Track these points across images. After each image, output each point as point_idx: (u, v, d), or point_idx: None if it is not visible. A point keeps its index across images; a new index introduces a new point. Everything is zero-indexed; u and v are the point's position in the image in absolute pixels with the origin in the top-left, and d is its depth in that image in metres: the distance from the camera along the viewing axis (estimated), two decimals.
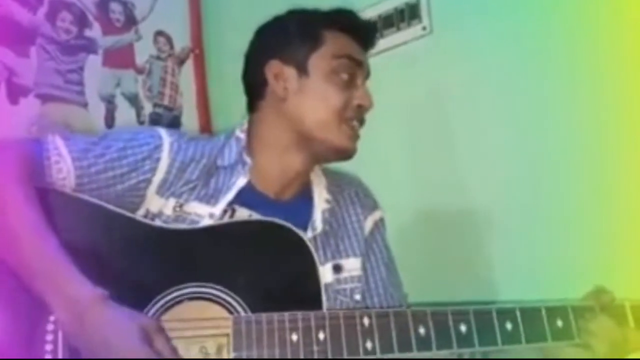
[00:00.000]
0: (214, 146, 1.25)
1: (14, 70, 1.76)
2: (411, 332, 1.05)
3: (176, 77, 2.18)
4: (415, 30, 1.75)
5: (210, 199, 1.20)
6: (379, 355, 1.05)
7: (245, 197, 1.21)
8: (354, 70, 1.24)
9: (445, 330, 1.06)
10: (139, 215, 1.18)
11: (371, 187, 1.71)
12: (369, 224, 1.34)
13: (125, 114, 2.01)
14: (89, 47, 1.95)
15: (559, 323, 1.09)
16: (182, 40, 2.22)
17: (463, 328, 1.06)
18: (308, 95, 1.22)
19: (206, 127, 2.19)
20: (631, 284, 1.19)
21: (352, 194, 1.35)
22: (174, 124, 2.15)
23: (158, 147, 1.19)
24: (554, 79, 1.50)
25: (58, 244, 1.01)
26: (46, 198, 1.08)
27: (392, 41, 1.79)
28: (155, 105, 2.10)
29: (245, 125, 1.30)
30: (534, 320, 1.08)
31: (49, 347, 1.01)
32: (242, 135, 1.27)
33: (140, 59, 2.09)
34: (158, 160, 1.18)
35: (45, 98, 1.82)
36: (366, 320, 1.05)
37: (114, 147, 1.17)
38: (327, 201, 1.29)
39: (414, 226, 1.71)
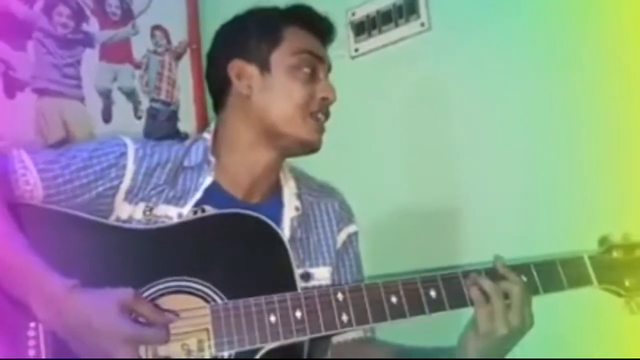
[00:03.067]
0: (180, 148, 1.28)
1: (10, 64, 1.76)
2: (384, 302, 1.09)
3: (173, 72, 2.18)
4: (413, 26, 1.76)
5: (179, 200, 1.22)
6: (355, 327, 1.09)
7: (213, 198, 1.23)
8: (315, 65, 1.27)
9: (416, 297, 1.10)
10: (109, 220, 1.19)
11: (367, 182, 1.72)
12: (342, 236, 1.36)
13: (122, 108, 2.01)
14: (86, 41, 1.95)
15: (523, 278, 1.12)
16: (179, 35, 2.22)
17: (433, 293, 1.11)
18: (272, 91, 1.24)
19: (203, 121, 2.19)
20: None
21: (329, 206, 1.37)
22: (171, 118, 2.15)
23: (123, 155, 1.21)
24: (553, 75, 1.50)
25: (27, 244, 1.03)
26: (17, 211, 1.09)
27: (390, 37, 1.80)
28: (152, 99, 2.11)
29: (212, 127, 1.32)
30: (498, 279, 1.11)
31: (31, 352, 1.02)
32: (208, 136, 1.30)
33: (138, 53, 2.09)
34: (124, 167, 1.20)
35: (42, 92, 1.82)
36: (340, 296, 1.09)
37: (79, 157, 1.18)
38: (296, 208, 1.31)
39: (411, 222, 1.72)
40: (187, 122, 2.19)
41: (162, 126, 2.11)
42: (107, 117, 1.97)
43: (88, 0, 1.97)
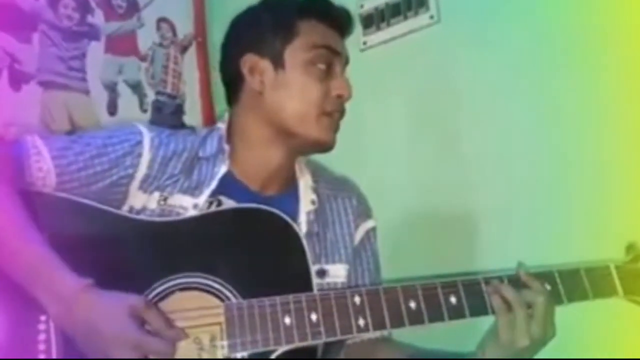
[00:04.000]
0: (195, 139, 1.28)
1: (15, 57, 1.75)
2: (402, 307, 1.08)
3: (179, 65, 2.18)
4: (422, 19, 1.74)
5: (194, 190, 1.21)
6: (371, 332, 1.08)
7: (229, 188, 1.23)
8: (332, 60, 1.25)
9: (435, 303, 1.08)
10: (123, 212, 1.19)
11: (376, 176, 1.71)
12: (360, 232, 1.36)
13: (127, 101, 2.01)
14: (92, 33, 1.95)
15: (547, 287, 1.11)
16: (185, 28, 2.21)
17: (453, 299, 1.09)
18: (285, 88, 1.23)
19: (209, 114, 2.19)
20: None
21: (346, 201, 1.36)
22: (176, 111, 2.15)
23: (139, 143, 1.20)
24: (564, 69, 1.48)
25: (42, 240, 1.03)
26: (29, 199, 1.10)
27: (399, 30, 1.78)
28: (158, 93, 2.10)
29: (226, 117, 1.31)
30: (521, 287, 1.09)
31: (42, 346, 1.02)
32: (222, 125, 1.29)
33: (143, 46, 2.08)
34: (139, 155, 1.19)
35: (47, 85, 1.81)
36: (357, 299, 1.08)
37: (93, 144, 1.18)
38: (312, 202, 1.30)
39: (421, 221, 1.71)
40: (193, 115, 2.18)
41: (167, 119, 2.10)
42: (112, 110, 1.96)
43: None
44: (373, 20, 1.83)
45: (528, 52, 1.55)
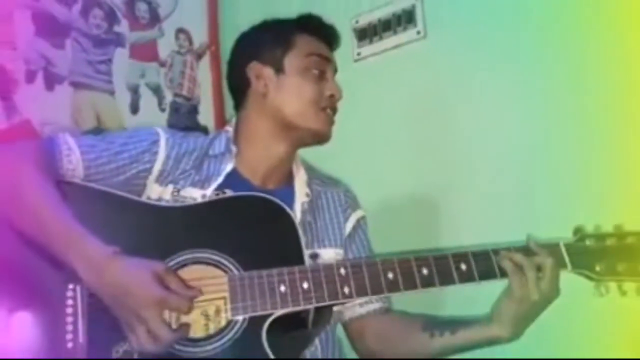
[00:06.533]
0: (205, 140, 1.39)
1: (50, 60, 1.85)
2: (381, 277, 1.19)
3: (194, 71, 2.26)
4: (410, 34, 1.83)
5: (203, 183, 1.31)
6: (355, 298, 1.20)
7: (233, 183, 1.33)
8: (324, 66, 1.39)
9: (410, 274, 1.20)
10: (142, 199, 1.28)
11: (366, 182, 1.73)
12: (351, 220, 1.46)
13: (148, 102, 2.10)
14: (118, 41, 2.04)
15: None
16: (200, 37, 2.31)
17: (425, 271, 1.20)
18: (285, 89, 1.36)
19: (220, 115, 2.28)
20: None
21: (334, 195, 1.47)
22: (191, 112, 2.24)
23: (156, 142, 1.31)
24: (547, 81, 1.54)
25: (72, 214, 1.11)
26: (60, 188, 1.18)
27: (390, 43, 1.88)
28: (175, 95, 2.19)
29: (233, 122, 1.43)
30: (483, 261, 1.21)
31: (69, 310, 1.11)
32: (230, 129, 1.42)
33: (163, 53, 2.18)
34: (156, 153, 1.30)
35: (77, 86, 1.90)
36: (342, 270, 1.19)
37: (116, 142, 1.29)
38: (307, 195, 1.42)
39: (410, 221, 1.80)
40: (206, 115, 2.27)
41: (183, 119, 2.19)
42: (134, 109, 2.06)
43: (120, 5, 2.06)
44: (367, 34, 1.93)
45: (507, 65, 1.62)
